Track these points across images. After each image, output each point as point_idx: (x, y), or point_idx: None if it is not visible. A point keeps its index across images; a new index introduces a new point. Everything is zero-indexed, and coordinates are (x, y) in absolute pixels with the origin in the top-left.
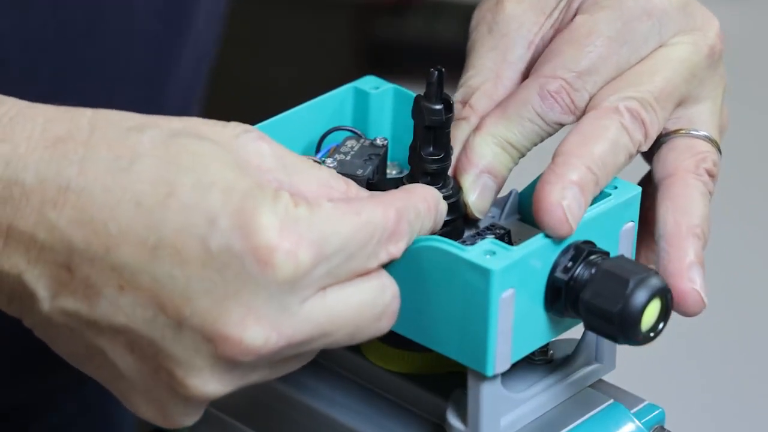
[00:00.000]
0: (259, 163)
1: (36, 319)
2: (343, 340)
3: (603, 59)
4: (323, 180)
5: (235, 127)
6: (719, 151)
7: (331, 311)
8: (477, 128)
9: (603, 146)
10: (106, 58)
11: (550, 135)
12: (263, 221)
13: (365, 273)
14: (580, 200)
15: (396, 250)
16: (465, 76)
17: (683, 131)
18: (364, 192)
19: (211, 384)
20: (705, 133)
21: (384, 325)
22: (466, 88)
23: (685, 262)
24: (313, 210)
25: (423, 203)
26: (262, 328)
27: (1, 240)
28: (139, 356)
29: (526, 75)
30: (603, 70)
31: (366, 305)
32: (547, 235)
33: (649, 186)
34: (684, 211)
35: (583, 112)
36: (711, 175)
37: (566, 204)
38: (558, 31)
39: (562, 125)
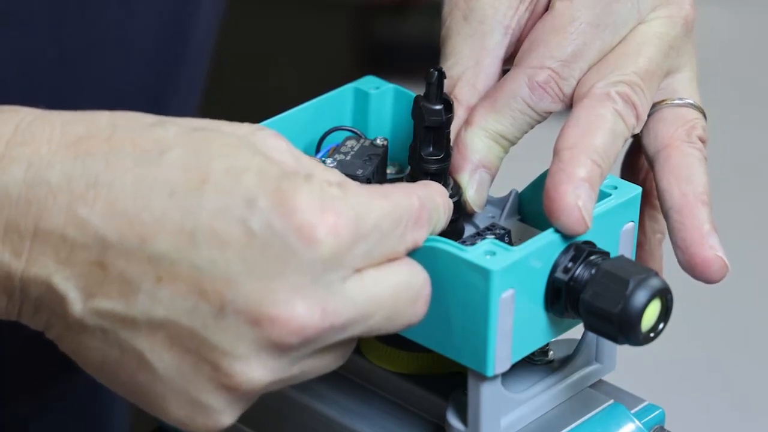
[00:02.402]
0: (280, 158)
1: (66, 324)
2: (382, 325)
3: (587, 45)
4: (338, 174)
5: (250, 126)
6: (704, 116)
7: (370, 292)
8: (467, 122)
9: (603, 137)
10: (105, 78)
11: (539, 123)
12: (302, 199)
13: (395, 258)
14: (591, 196)
15: (419, 236)
16: (444, 66)
17: (668, 101)
18: None
19: (257, 370)
20: (690, 101)
21: (419, 310)
22: (446, 79)
23: (703, 231)
24: (346, 190)
25: (440, 197)
26: (309, 306)
27: (27, 243)
28: (179, 351)
29: (504, 60)
30: (588, 56)
31: (401, 288)
32: (556, 231)
33: (637, 156)
34: (687, 180)
35: (571, 98)
36: (702, 141)
37: (581, 204)
38: (533, 14)
39: (550, 113)
